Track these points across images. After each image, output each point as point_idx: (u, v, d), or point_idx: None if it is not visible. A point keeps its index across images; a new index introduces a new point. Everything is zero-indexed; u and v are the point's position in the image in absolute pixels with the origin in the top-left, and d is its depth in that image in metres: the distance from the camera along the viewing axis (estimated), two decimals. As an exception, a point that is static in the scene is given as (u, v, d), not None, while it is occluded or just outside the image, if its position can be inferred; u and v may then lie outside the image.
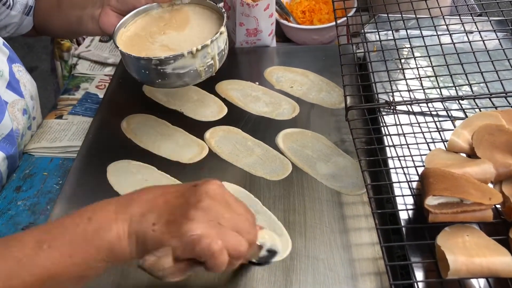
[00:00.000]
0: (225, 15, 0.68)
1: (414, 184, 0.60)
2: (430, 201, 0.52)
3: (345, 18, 0.90)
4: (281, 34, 1.04)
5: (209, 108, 0.82)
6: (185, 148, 0.75)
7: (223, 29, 0.65)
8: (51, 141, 0.85)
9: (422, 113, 0.71)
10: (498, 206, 0.56)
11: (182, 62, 0.63)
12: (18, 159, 0.81)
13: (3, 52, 0.78)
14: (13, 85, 0.78)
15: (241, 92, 0.85)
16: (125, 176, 0.72)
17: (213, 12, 0.72)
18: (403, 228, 0.56)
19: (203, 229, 0.44)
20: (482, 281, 0.51)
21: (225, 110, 0.81)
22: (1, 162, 0.75)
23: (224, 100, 0.83)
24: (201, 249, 0.44)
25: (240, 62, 0.94)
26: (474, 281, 0.52)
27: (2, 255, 0.45)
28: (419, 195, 0.57)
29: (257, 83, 0.86)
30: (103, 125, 0.82)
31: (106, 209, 0.47)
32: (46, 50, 1.96)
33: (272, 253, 0.53)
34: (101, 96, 0.95)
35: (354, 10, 0.95)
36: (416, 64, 0.76)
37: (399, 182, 0.60)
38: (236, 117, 0.80)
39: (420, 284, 0.51)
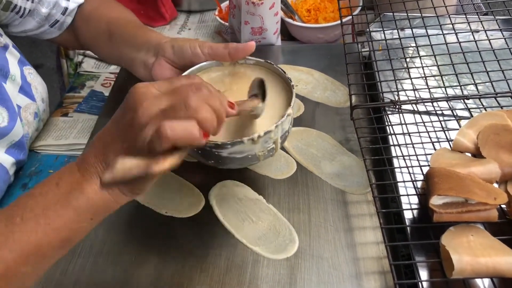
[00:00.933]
0: (293, 85, 0.60)
1: (419, 184, 0.60)
2: (435, 200, 0.52)
3: (350, 17, 0.89)
4: (286, 32, 1.04)
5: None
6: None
7: (290, 110, 0.57)
8: (56, 138, 0.85)
9: (427, 112, 0.71)
10: (503, 206, 0.55)
11: (240, 147, 0.55)
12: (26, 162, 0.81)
13: (14, 55, 0.77)
14: (25, 89, 0.78)
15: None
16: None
17: (278, 79, 0.64)
18: (408, 228, 0.56)
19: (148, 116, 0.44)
20: (487, 281, 0.51)
21: (230, 109, 0.81)
22: (10, 167, 0.74)
23: (229, 99, 0.83)
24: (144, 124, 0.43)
25: (245, 61, 0.94)
26: (479, 281, 0.52)
27: None
28: (424, 194, 0.57)
29: (262, 81, 0.86)
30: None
31: (69, 170, 0.47)
32: (51, 48, 1.97)
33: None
34: (106, 94, 0.96)
35: (359, 8, 0.95)
36: (421, 63, 0.76)
37: (404, 181, 0.60)
38: (241, 115, 0.80)
39: (425, 284, 0.51)
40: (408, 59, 0.79)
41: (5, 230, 0.44)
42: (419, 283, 0.50)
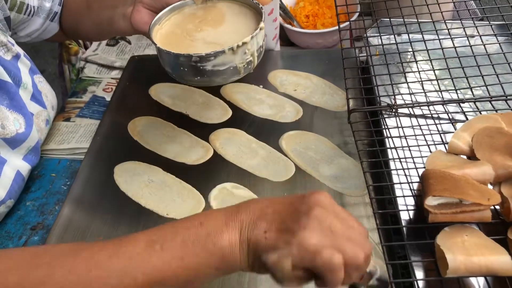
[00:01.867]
0: (263, 10, 0.65)
1: (415, 186, 0.61)
2: (430, 201, 0.53)
3: (348, 23, 0.91)
4: (285, 38, 1.05)
5: (214, 111, 0.83)
6: (190, 150, 0.77)
7: (262, 24, 0.63)
8: (59, 143, 0.87)
9: (424, 116, 0.72)
10: (497, 207, 0.57)
11: (222, 58, 0.60)
12: None
13: (25, 64, 0.79)
14: (36, 96, 0.79)
15: (245, 95, 0.86)
16: (132, 177, 0.73)
17: (248, 9, 0.69)
18: (404, 228, 0.57)
19: (318, 238, 0.42)
20: (481, 280, 0.53)
21: (229, 113, 0.83)
22: (26, 174, 0.75)
23: (228, 103, 0.85)
24: (322, 261, 0.42)
25: (245, 66, 0.96)
26: (473, 280, 0.53)
27: (115, 252, 0.44)
28: (420, 196, 0.58)
29: (261, 86, 0.88)
30: (110, 127, 0.84)
31: (215, 216, 0.46)
32: (53, 54, 1.99)
33: (382, 283, 0.48)
34: (108, 99, 0.97)
35: (357, 14, 0.97)
36: (417, 68, 0.78)
37: (400, 183, 0.62)
38: (240, 119, 0.81)
39: (420, 283, 0.52)
40: (404, 64, 0.80)
41: (144, 252, 0.44)
42: (415, 282, 0.51)
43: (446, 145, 0.65)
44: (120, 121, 0.84)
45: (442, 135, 0.68)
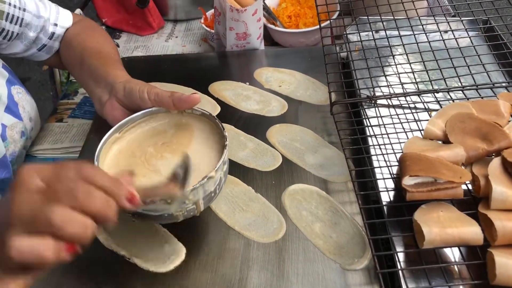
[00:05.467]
0: (226, 143, 0.59)
1: (394, 169, 0.66)
2: (407, 181, 0.57)
3: (329, 22, 0.96)
4: (269, 38, 1.09)
5: (203, 107, 0.86)
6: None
7: (213, 173, 0.55)
8: (52, 143, 0.89)
9: (401, 106, 0.77)
10: (469, 185, 0.61)
11: (153, 206, 0.53)
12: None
13: (2, 75, 0.79)
14: (11, 108, 0.79)
15: (233, 92, 0.90)
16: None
17: (218, 137, 0.63)
18: (384, 207, 0.62)
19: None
20: (455, 251, 0.57)
21: (218, 109, 0.86)
22: None
23: (217, 100, 0.88)
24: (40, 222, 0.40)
25: (231, 64, 1.00)
26: (447, 251, 0.57)
27: None
28: (398, 178, 0.62)
29: (248, 83, 0.92)
30: (103, 125, 0.86)
31: None
32: (38, 62, 2.00)
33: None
34: (99, 99, 1.00)
35: (337, 13, 1.02)
36: (395, 62, 0.82)
37: (380, 167, 0.66)
38: (229, 115, 0.85)
39: (400, 255, 0.57)
40: (382, 59, 0.84)
41: None
42: (395, 254, 0.56)
43: (422, 131, 0.70)
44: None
45: (418, 123, 0.72)
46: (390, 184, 0.65)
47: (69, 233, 0.40)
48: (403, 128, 0.72)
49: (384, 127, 0.72)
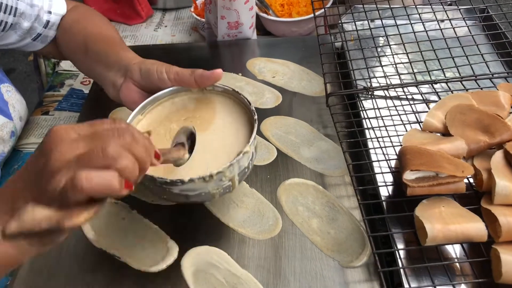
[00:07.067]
0: (255, 118, 0.57)
1: (393, 163, 0.64)
2: (408, 175, 0.55)
3: (323, 10, 0.93)
4: (261, 27, 1.06)
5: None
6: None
7: (247, 148, 0.54)
8: (38, 136, 0.86)
9: (398, 97, 0.75)
10: (470, 179, 0.60)
11: (191, 185, 0.52)
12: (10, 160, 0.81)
13: None
14: (1, 107, 0.76)
15: (225, 83, 0.85)
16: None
17: (243, 110, 0.62)
18: (384, 203, 0.60)
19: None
20: (457, 248, 0.55)
21: (210, 101, 0.84)
22: None
23: (208, 91, 0.86)
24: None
25: (223, 54, 0.97)
26: (449, 248, 0.55)
27: None
28: (397, 172, 0.61)
29: (240, 74, 0.89)
30: (90, 119, 0.84)
31: None
32: (24, 52, 1.95)
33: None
34: (86, 91, 0.97)
35: (331, 2, 0.99)
36: (391, 52, 0.80)
37: (378, 161, 0.64)
38: (221, 107, 0.82)
39: (402, 253, 0.55)
40: (378, 48, 0.83)
41: None
42: (396, 251, 0.54)
43: (420, 124, 0.68)
44: (100, 113, 0.84)
45: (416, 114, 0.70)
46: (389, 178, 0.63)
47: (124, 165, 0.40)
48: (401, 120, 0.70)
49: (382, 119, 0.70)
